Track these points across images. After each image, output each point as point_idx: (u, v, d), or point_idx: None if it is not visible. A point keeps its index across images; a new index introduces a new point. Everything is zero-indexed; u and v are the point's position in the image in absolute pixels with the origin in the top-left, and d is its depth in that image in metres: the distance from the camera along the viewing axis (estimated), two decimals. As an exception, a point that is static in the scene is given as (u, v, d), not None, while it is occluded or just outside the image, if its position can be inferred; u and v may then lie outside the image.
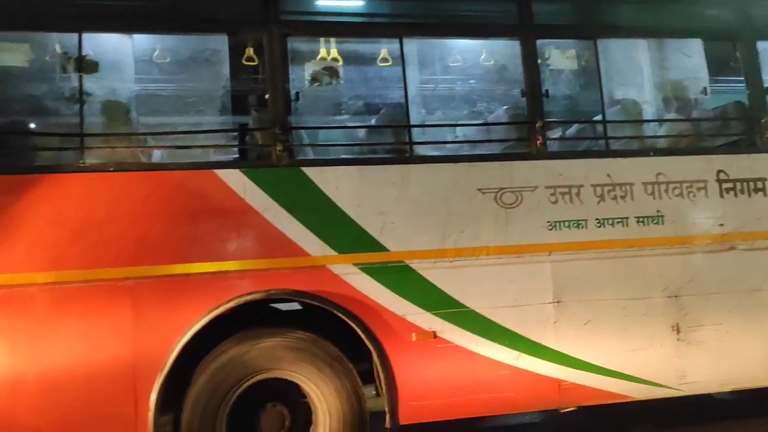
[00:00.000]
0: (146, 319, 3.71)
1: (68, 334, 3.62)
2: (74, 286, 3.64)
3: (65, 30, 3.86)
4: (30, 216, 3.61)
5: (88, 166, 3.78)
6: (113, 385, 3.65)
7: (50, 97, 4.07)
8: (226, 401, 3.80)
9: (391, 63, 4.63)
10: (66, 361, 3.60)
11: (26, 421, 3.55)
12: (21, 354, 3.56)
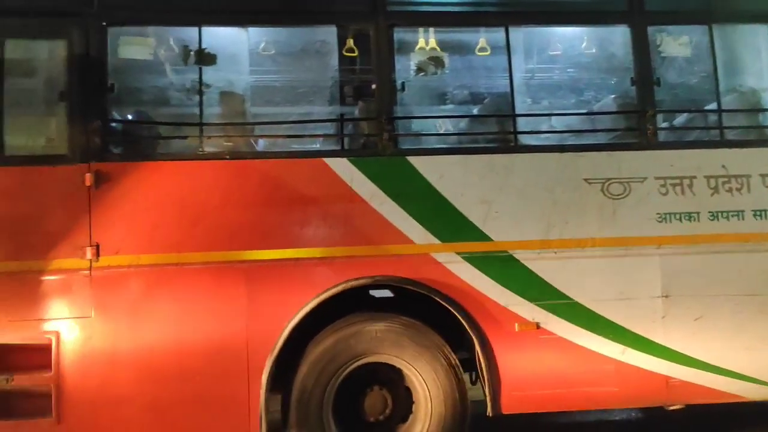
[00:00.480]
0: (259, 301, 3.88)
1: (188, 313, 3.83)
2: (194, 267, 3.84)
3: (186, 24, 4.06)
4: (154, 200, 3.83)
5: (206, 154, 3.97)
6: (228, 363, 3.84)
7: (172, 89, 4.30)
8: (331, 384, 3.92)
9: (489, 52, 4.61)
10: (186, 338, 3.81)
11: (148, 392, 3.78)
12: (144, 330, 3.80)
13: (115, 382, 3.76)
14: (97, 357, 3.76)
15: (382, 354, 3.99)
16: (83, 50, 3.82)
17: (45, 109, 4.05)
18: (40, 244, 3.75)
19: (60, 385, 3.72)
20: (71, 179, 3.77)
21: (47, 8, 3.84)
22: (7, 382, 3.70)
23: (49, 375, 3.72)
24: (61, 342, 3.74)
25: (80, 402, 3.73)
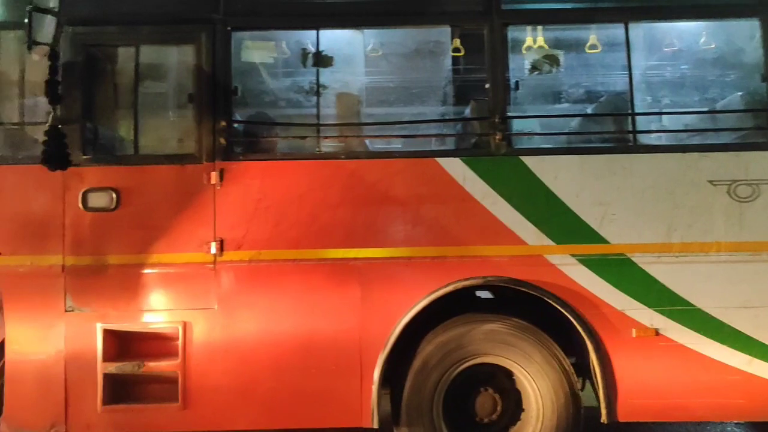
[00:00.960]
0: (372, 298, 3.95)
1: (304, 309, 3.94)
2: (310, 264, 3.95)
3: (305, 28, 4.18)
4: (274, 198, 3.97)
5: (323, 154, 4.08)
6: (342, 359, 3.93)
7: (291, 90, 4.45)
8: (442, 383, 3.95)
9: (600, 50, 4.48)
10: (301, 333, 3.93)
11: (266, 383, 3.93)
12: (263, 323, 3.95)
13: (235, 371, 3.93)
14: (220, 347, 3.94)
15: (493, 355, 3.97)
16: (210, 55, 4.01)
17: (175, 111, 4.29)
18: (169, 239, 3.97)
19: (186, 373, 3.92)
20: (198, 177, 3.97)
21: (178, 16, 4.05)
22: (138, 368, 3.94)
23: (176, 363, 3.93)
24: (187, 331, 3.94)
25: (204, 389, 3.92)
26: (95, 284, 3.96)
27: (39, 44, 2.87)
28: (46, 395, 3.91)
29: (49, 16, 2.87)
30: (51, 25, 2.91)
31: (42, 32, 2.89)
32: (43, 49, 2.95)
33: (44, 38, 2.88)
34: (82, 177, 3.97)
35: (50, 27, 2.91)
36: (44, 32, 2.90)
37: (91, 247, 3.96)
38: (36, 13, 2.79)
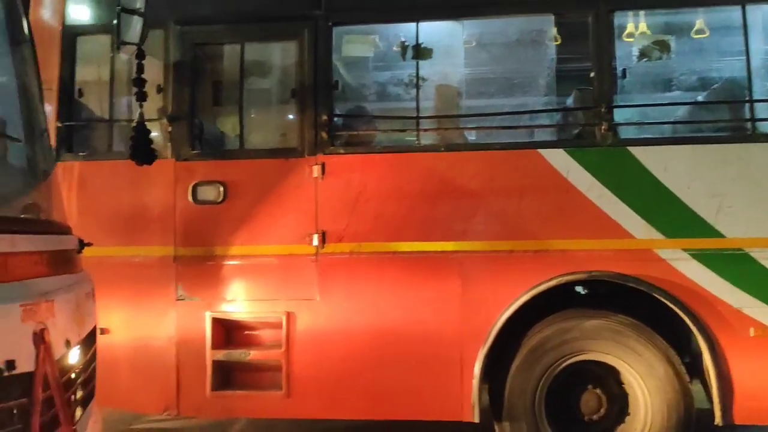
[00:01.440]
0: (472, 292, 3.91)
1: (404, 301, 3.95)
2: (410, 256, 3.96)
3: (404, 21, 4.18)
4: (375, 191, 4.00)
5: (423, 146, 4.07)
6: (442, 351, 3.92)
7: (390, 84, 4.47)
8: (545, 379, 3.87)
9: (707, 34, 4.26)
10: (401, 325, 3.95)
11: (367, 374, 3.97)
12: (364, 315, 3.98)
13: (337, 362, 3.99)
14: (322, 337, 4.01)
15: (599, 352, 3.86)
16: (311, 50, 4.08)
17: (278, 106, 4.39)
18: (273, 231, 4.08)
19: (289, 362, 4.02)
20: (300, 171, 4.05)
21: (281, 13, 4.14)
22: (245, 356, 4.07)
23: (280, 351, 4.03)
24: (290, 321, 4.03)
25: (307, 378, 4.01)
26: (204, 274, 4.11)
27: (127, 44, 3.00)
28: (160, 379, 4.10)
29: (136, 16, 3.00)
30: (138, 26, 3.03)
31: (129, 32, 2.99)
32: (130, 49, 3.07)
33: (131, 38, 3.00)
34: (191, 171, 4.13)
35: (137, 27, 3.03)
36: (131, 32, 3.00)
37: (200, 239, 4.12)
38: (124, 14, 2.90)
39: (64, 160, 4.19)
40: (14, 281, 2.00)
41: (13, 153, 2.55)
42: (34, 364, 1.96)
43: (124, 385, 4.13)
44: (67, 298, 2.35)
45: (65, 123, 4.21)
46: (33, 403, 1.94)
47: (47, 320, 2.08)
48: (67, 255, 2.61)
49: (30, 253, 2.18)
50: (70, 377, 2.31)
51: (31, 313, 2.00)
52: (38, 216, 2.62)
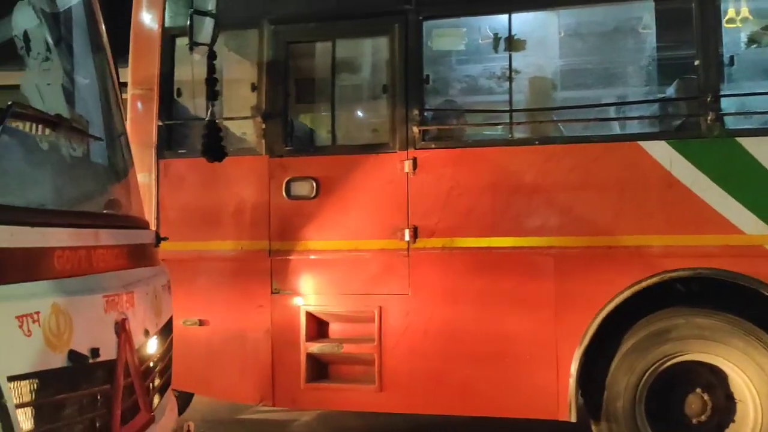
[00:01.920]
0: (568, 288, 3.82)
1: (497, 297, 3.90)
2: (504, 252, 3.90)
3: (497, 12, 4.12)
4: (467, 186, 3.96)
5: (517, 140, 4.00)
6: (536, 349, 3.85)
7: (482, 77, 4.41)
8: (645, 379, 3.74)
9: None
10: (494, 321, 3.90)
11: (460, 370, 3.95)
12: (456, 310, 3.96)
13: (430, 357, 3.99)
14: (415, 332, 4.02)
15: (704, 353, 3.69)
16: (402, 45, 4.08)
17: (369, 102, 4.42)
18: (364, 226, 4.11)
19: (382, 356, 4.04)
20: (392, 166, 4.06)
21: (372, 9, 4.15)
22: (338, 349, 4.12)
23: (372, 345, 4.06)
24: (382, 316, 4.05)
25: (399, 373, 4.02)
26: (298, 268, 4.19)
27: (199, 44, 3.08)
28: (256, 371, 4.21)
29: (208, 18, 3.06)
30: (209, 27, 3.09)
31: (202, 33, 3.05)
32: (202, 49, 3.15)
33: (203, 39, 3.08)
34: (285, 167, 4.21)
35: (209, 28, 3.09)
36: (203, 33, 3.07)
37: (294, 234, 4.19)
38: (196, 15, 2.98)
39: (165, 158, 4.36)
40: (98, 273, 2.09)
41: (94, 152, 2.67)
42: (116, 352, 2.03)
43: (222, 376, 4.28)
44: (145, 290, 2.44)
45: (165, 122, 4.37)
46: (115, 389, 2.00)
47: (128, 311, 2.16)
48: (146, 249, 2.71)
49: (112, 246, 2.27)
50: (148, 365, 2.39)
51: (113, 303, 2.08)
52: (118, 212, 2.73)
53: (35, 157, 2.20)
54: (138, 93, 4.44)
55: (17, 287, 1.62)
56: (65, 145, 2.32)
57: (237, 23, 4.41)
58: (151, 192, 4.36)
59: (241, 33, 4.48)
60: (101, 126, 2.76)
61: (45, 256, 1.80)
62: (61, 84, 2.59)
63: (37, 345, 1.62)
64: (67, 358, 1.74)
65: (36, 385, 1.62)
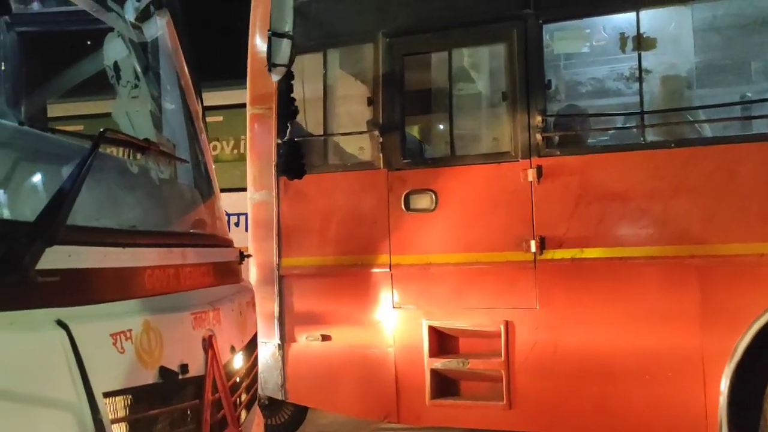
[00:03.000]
0: (715, 300, 3.54)
1: (633, 311, 3.67)
2: (639, 262, 3.68)
3: (623, 11, 3.91)
4: (597, 193, 3.77)
5: (650, 143, 3.78)
6: (679, 366, 3.59)
7: (608, 79, 4.22)
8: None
9: None
10: (631, 336, 3.67)
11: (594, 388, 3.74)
12: (589, 325, 3.76)
13: (561, 374, 3.80)
14: (544, 348, 3.84)
15: None
16: (522, 50, 3.95)
17: (488, 110, 4.31)
18: (486, 238, 3.99)
19: (510, 372, 3.90)
20: (514, 175, 3.93)
21: (489, 16, 4.05)
22: (463, 365, 4.01)
23: (499, 361, 3.91)
24: (509, 330, 3.91)
25: (529, 390, 3.86)
26: (419, 282, 4.12)
27: (277, 66, 3.12)
28: (379, 387, 4.16)
29: (285, 39, 3.08)
30: (287, 48, 3.07)
31: (279, 54, 3.06)
32: (281, 70, 3.20)
33: (281, 60, 3.09)
34: (403, 180, 4.17)
35: (286, 49, 3.07)
36: (281, 54, 3.07)
37: (414, 247, 4.14)
38: (274, 37, 3.03)
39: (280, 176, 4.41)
40: (185, 291, 2.12)
41: (180, 174, 2.76)
42: (204, 368, 2.03)
43: (345, 391, 4.26)
44: (231, 307, 2.46)
45: (284, 140, 4.43)
46: (204, 404, 2.00)
47: (214, 327, 2.18)
48: (230, 266, 2.76)
49: (198, 264, 2.31)
50: (235, 381, 2.41)
51: (201, 320, 2.10)
52: (204, 230, 2.79)
53: (125, 180, 2.27)
54: (257, 112, 4.54)
55: (111, 306, 1.67)
56: (153, 167, 2.40)
57: (351, 39, 4.45)
58: (272, 209, 4.42)
59: (355, 48, 4.50)
60: (186, 149, 2.86)
61: (136, 276, 1.85)
62: (148, 110, 2.70)
63: (130, 362, 1.66)
64: (158, 374, 1.77)
65: (129, 401, 1.65)
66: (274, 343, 4.38)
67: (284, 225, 4.42)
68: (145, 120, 2.61)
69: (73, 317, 1.49)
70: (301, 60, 4.58)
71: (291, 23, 3.05)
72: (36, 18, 3.07)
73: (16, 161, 1.92)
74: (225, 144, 8.17)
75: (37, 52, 3.08)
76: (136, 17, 2.78)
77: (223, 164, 8.08)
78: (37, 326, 1.41)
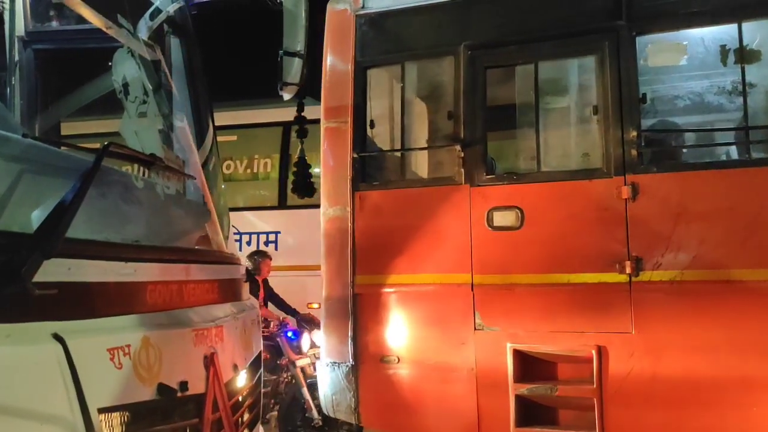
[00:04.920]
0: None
1: (744, 338, 3.45)
2: (746, 285, 3.46)
3: (723, 23, 3.75)
4: (696, 212, 3.58)
5: (758, 160, 3.58)
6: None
7: (707, 93, 4.04)
8: None
9: None
10: (740, 365, 3.44)
11: (697, 420, 3.50)
12: (691, 352, 3.54)
13: (660, 403, 3.58)
14: (640, 375, 3.63)
15: None
16: (614, 63, 3.80)
17: (577, 125, 4.15)
18: (577, 257, 3.81)
19: (603, 400, 3.68)
20: (607, 193, 3.76)
21: (578, 28, 3.91)
22: (551, 392, 3.80)
23: (591, 388, 3.70)
24: (601, 356, 3.70)
25: (625, 419, 3.65)
26: (503, 303, 3.94)
27: (289, 84, 3.07)
28: (460, 412, 3.97)
29: (297, 58, 3.09)
30: (298, 67, 3.12)
31: (291, 73, 3.11)
32: (292, 89, 3.17)
33: (293, 79, 3.13)
34: (486, 196, 4.01)
35: (298, 68, 3.12)
36: (293, 73, 3.12)
37: (498, 266, 3.96)
38: (286, 56, 3.00)
39: (360, 190, 4.28)
40: (188, 307, 2.11)
41: (188, 191, 2.76)
42: (204, 386, 2.02)
43: (423, 417, 4.08)
44: (234, 325, 2.46)
45: (360, 154, 4.31)
46: (204, 423, 1.98)
47: (216, 345, 2.17)
48: (235, 284, 2.75)
49: (202, 281, 2.31)
50: (237, 400, 2.39)
51: (203, 337, 2.10)
52: (209, 247, 2.77)
53: (130, 194, 2.26)
54: (332, 126, 4.42)
55: (109, 320, 1.66)
56: (159, 183, 2.39)
57: (431, 52, 4.34)
58: (347, 225, 4.29)
59: (435, 61, 4.38)
60: (195, 165, 2.86)
61: (137, 291, 1.85)
62: (156, 126, 2.70)
63: (127, 377, 1.65)
64: (156, 391, 1.75)
65: (125, 418, 1.64)
66: (347, 364, 4.22)
67: (359, 241, 4.27)
68: (152, 135, 2.61)
69: (69, 331, 1.49)
70: (378, 73, 4.50)
71: (303, 42, 3.08)
72: (51, 35, 3.11)
73: (19, 173, 1.92)
74: (238, 163, 8.14)
75: (53, 69, 3.12)
76: (149, 36, 2.82)
77: (235, 183, 8.06)
78: (32, 340, 1.41)
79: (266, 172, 8.19)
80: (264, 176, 8.21)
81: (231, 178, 8.06)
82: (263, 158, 8.19)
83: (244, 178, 8.22)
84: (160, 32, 2.93)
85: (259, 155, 8.19)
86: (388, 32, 4.40)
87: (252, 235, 7.76)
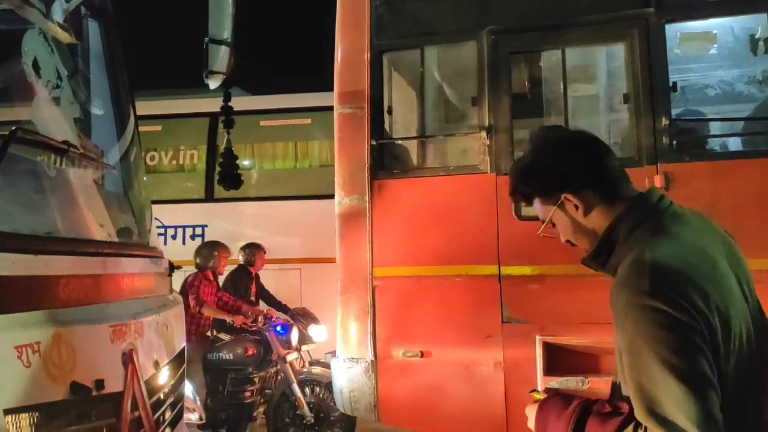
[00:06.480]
0: None
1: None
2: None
3: (753, 11, 3.74)
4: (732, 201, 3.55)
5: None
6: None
7: (738, 82, 4.03)
8: None
9: None
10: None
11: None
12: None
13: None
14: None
15: None
16: (644, 51, 3.74)
17: (606, 113, 4.08)
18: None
19: (636, 393, 3.60)
20: (638, 181, 3.59)
21: (607, 14, 3.85)
22: (583, 385, 3.72)
23: (623, 381, 3.62)
24: (634, 348, 3.62)
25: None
26: (532, 295, 3.84)
27: (215, 73, 2.98)
28: (487, 407, 3.86)
29: (224, 46, 2.98)
30: (225, 55, 3.01)
31: (217, 62, 3.00)
32: (218, 77, 3.06)
33: (219, 67, 3.01)
34: (512, 185, 3.89)
35: (224, 57, 3.02)
36: (219, 62, 3.02)
37: (526, 257, 3.86)
38: (212, 44, 2.87)
39: (379, 179, 4.11)
40: (104, 302, 2.05)
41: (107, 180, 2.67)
42: (123, 383, 1.96)
43: (447, 414, 3.94)
44: (156, 320, 2.40)
45: (378, 141, 4.14)
46: (122, 422, 1.93)
47: (136, 341, 2.12)
48: (158, 278, 2.68)
49: (120, 275, 2.24)
50: (159, 397, 2.33)
51: (120, 333, 2.03)
52: (129, 240, 2.69)
53: (42, 184, 2.14)
54: (346, 112, 4.24)
55: (17, 316, 1.58)
56: (75, 172, 2.29)
57: (453, 36, 4.20)
58: (365, 215, 4.11)
59: (457, 46, 4.25)
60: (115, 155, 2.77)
61: (49, 285, 1.76)
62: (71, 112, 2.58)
63: (36, 376, 1.58)
64: (69, 390, 1.68)
65: (35, 419, 1.56)
66: (367, 359, 4.05)
67: (378, 232, 4.11)
68: (66, 122, 2.47)
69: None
70: (397, 57, 4.34)
71: (230, 30, 2.96)
72: None
73: None
74: (163, 154, 7.86)
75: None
76: (63, 18, 2.65)
77: (160, 175, 7.77)
78: None
79: (192, 163, 7.90)
80: (190, 168, 7.92)
81: (155, 169, 7.76)
82: (189, 149, 7.90)
83: (170, 169, 7.91)
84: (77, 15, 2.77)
85: (185, 146, 7.90)
86: (406, 15, 4.24)
87: (178, 229, 7.46)
